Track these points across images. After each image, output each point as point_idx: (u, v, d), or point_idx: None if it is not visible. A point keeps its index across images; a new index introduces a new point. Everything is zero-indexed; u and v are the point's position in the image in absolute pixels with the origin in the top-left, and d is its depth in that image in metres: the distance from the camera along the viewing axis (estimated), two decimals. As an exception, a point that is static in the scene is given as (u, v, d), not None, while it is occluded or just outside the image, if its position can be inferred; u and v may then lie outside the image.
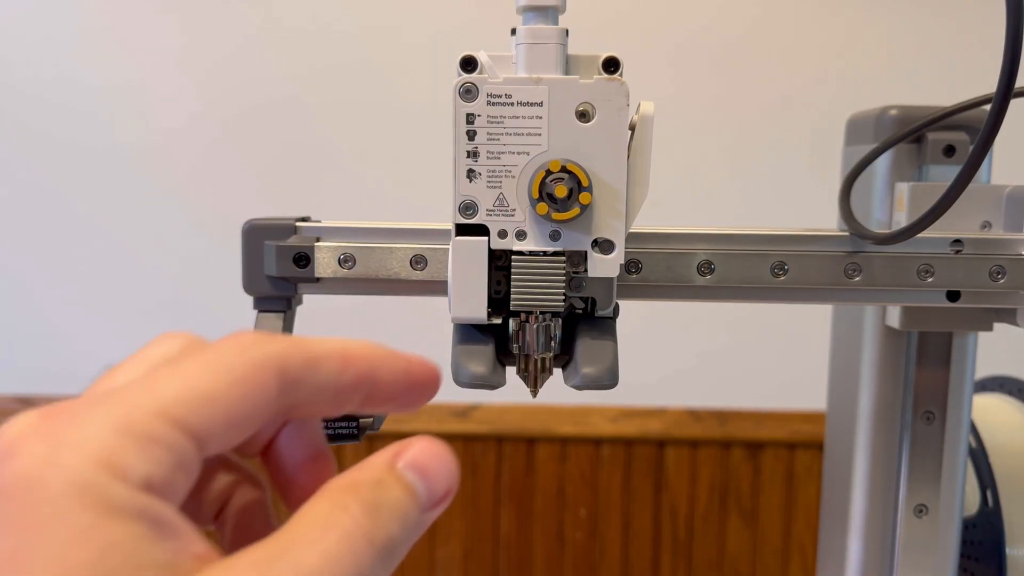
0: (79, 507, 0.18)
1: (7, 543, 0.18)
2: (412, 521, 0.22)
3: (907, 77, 1.30)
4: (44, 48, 1.36)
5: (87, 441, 0.19)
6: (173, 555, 0.19)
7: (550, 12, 0.33)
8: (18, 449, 0.19)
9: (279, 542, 0.20)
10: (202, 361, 0.21)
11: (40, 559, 0.18)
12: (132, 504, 0.19)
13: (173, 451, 0.20)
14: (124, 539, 0.19)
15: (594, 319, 0.36)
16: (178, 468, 0.20)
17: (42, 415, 0.20)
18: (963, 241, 0.40)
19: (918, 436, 0.51)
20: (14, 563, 0.18)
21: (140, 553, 0.19)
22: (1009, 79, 0.30)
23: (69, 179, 1.39)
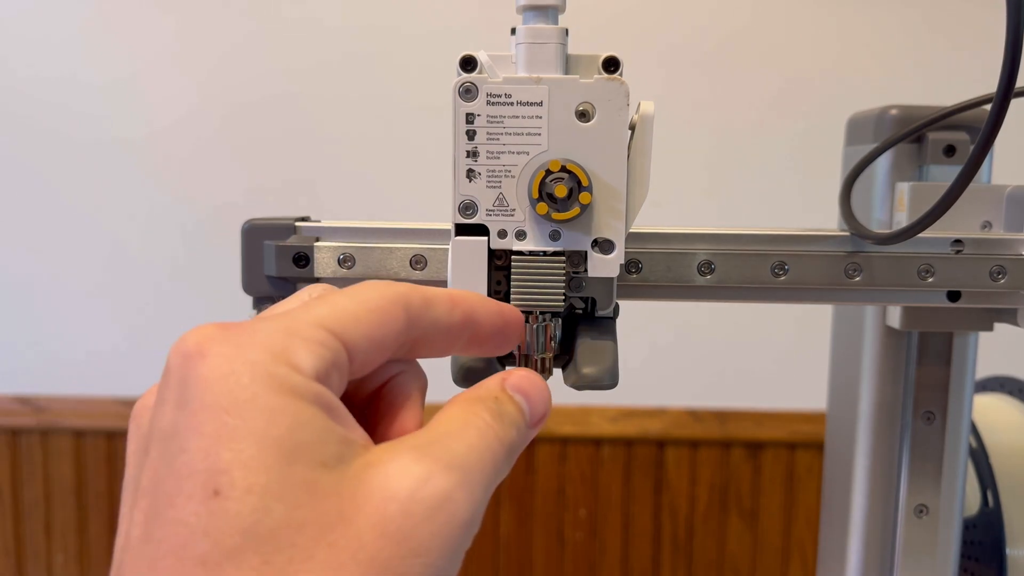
0: (269, 392, 0.22)
1: (211, 425, 0.21)
2: (523, 432, 0.26)
3: (907, 77, 1.30)
4: (42, 46, 1.36)
5: (265, 342, 0.22)
6: (345, 433, 0.23)
7: (550, 12, 0.33)
8: (206, 350, 0.22)
9: (428, 435, 0.24)
10: (346, 295, 0.25)
11: (243, 435, 0.21)
12: (309, 390, 0.22)
13: (330, 350, 0.23)
14: (309, 417, 0.22)
15: (594, 319, 0.36)
16: (334, 366, 0.23)
17: (218, 326, 0.23)
18: (964, 241, 0.40)
19: (918, 436, 0.51)
20: (220, 440, 0.21)
21: (322, 429, 0.22)
22: (1009, 79, 0.30)
23: (69, 179, 1.39)
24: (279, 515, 0.21)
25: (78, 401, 1.42)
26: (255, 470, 0.21)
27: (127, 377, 1.41)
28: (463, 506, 0.23)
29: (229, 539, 0.20)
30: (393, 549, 0.21)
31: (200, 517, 0.20)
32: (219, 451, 0.21)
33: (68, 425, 1.42)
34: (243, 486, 0.21)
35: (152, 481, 0.22)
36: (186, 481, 0.21)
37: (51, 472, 1.44)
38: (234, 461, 0.21)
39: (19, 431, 1.43)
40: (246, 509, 0.20)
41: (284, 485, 0.21)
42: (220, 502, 0.20)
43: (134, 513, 0.22)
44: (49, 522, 1.45)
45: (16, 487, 1.45)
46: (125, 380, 1.41)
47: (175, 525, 0.21)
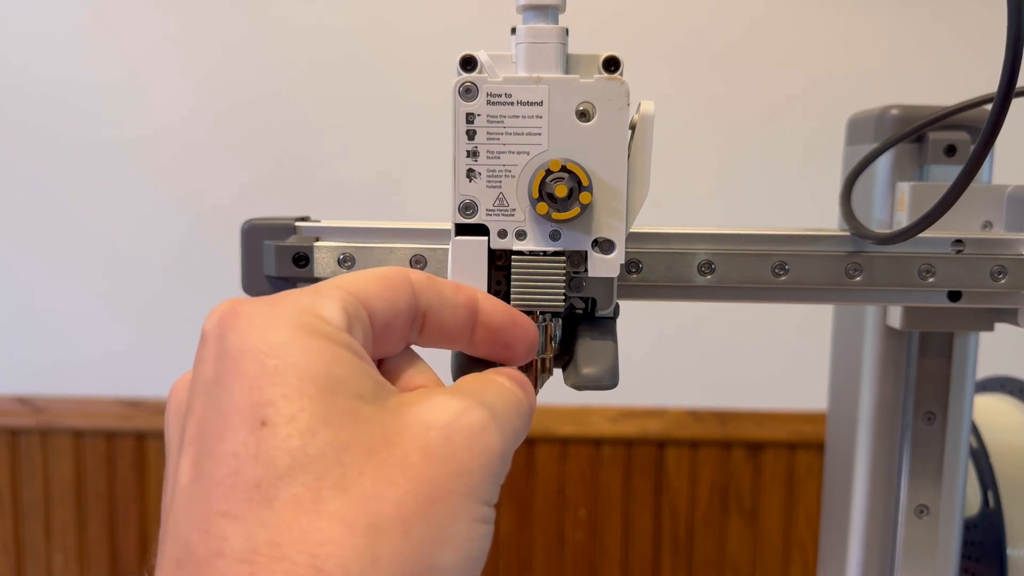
0: (304, 335, 0.23)
1: (253, 367, 0.22)
2: (526, 418, 0.28)
3: (908, 77, 1.30)
4: (39, 45, 1.36)
5: (293, 300, 0.24)
6: (378, 376, 0.24)
7: (550, 11, 0.33)
8: (239, 309, 0.24)
9: (456, 387, 0.26)
10: (354, 272, 0.27)
11: (284, 371, 0.22)
12: (340, 337, 0.24)
13: (352, 305, 0.25)
14: (344, 356, 0.23)
15: (594, 319, 0.36)
16: (358, 320, 0.25)
17: (243, 298, 0.24)
18: (964, 241, 0.40)
19: (919, 436, 0.51)
20: (262, 377, 0.22)
21: (358, 368, 0.23)
22: (1010, 79, 0.30)
23: (70, 179, 1.39)
24: (325, 438, 0.22)
25: (78, 401, 1.42)
26: (298, 400, 0.22)
27: (127, 377, 1.41)
28: (497, 438, 0.24)
29: (280, 461, 0.21)
30: (438, 468, 0.22)
31: (249, 446, 0.21)
32: (262, 387, 0.22)
33: (68, 425, 1.42)
34: (288, 414, 0.21)
35: (198, 428, 0.22)
36: (233, 417, 0.22)
37: (51, 472, 1.44)
38: (277, 394, 0.22)
39: (19, 431, 1.43)
40: (294, 432, 0.21)
41: (328, 412, 0.22)
42: (268, 430, 0.21)
43: (180, 462, 0.23)
44: (49, 522, 1.45)
45: (16, 487, 1.45)
46: (125, 380, 1.41)
47: (226, 457, 0.21)
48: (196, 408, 0.23)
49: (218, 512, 0.21)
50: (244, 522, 0.21)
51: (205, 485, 0.21)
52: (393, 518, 0.21)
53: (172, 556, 0.21)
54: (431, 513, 0.22)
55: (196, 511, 0.21)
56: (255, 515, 0.21)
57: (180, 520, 0.22)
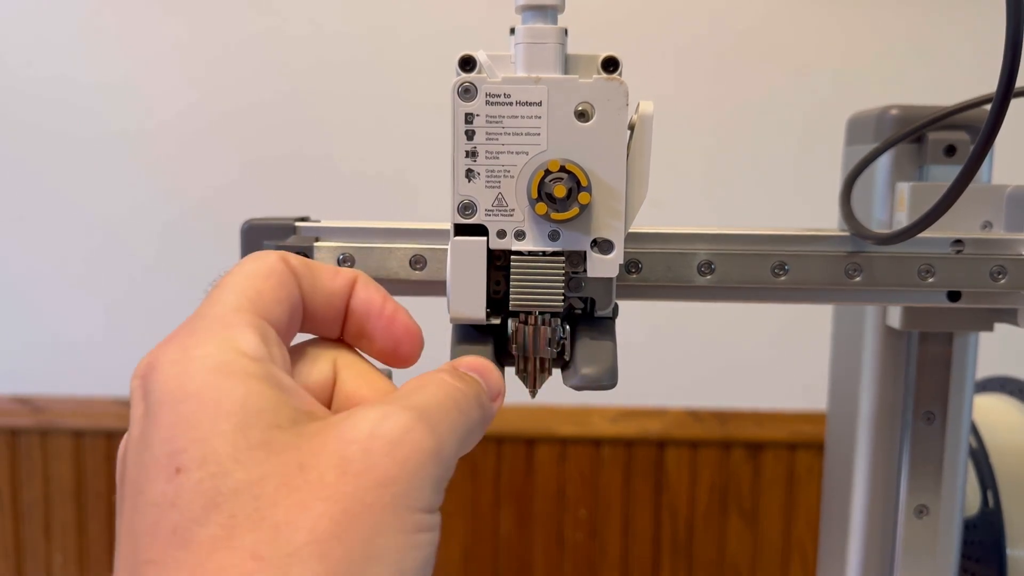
0: (218, 377, 0.23)
1: (168, 417, 0.23)
2: (484, 404, 0.27)
3: (908, 77, 1.30)
4: (37, 40, 1.36)
5: (206, 339, 0.24)
6: (298, 403, 0.24)
7: (549, 12, 0.33)
8: (156, 362, 0.24)
9: (386, 396, 0.26)
10: (238, 275, 0.27)
11: (198, 416, 0.22)
12: (256, 369, 0.24)
13: (263, 328, 0.25)
14: (259, 390, 0.23)
15: (593, 319, 0.36)
16: (272, 341, 0.25)
17: (164, 341, 0.25)
18: (964, 241, 0.40)
19: (919, 436, 0.51)
20: (177, 426, 0.22)
21: (273, 399, 0.23)
22: (1009, 78, 0.30)
23: (69, 179, 1.39)
24: (238, 476, 0.22)
25: (77, 401, 1.42)
26: (210, 442, 0.22)
27: (127, 378, 1.40)
28: (425, 437, 0.23)
29: (194, 505, 0.21)
30: (356, 482, 0.22)
31: (167, 494, 0.22)
32: (177, 435, 0.22)
33: (67, 425, 1.42)
34: (200, 457, 0.22)
35: (130, 484, 0.23)
36: (152, 468, 0.22)
37: (50, 472, 1.44)
38: (191, 439, 0.22)
39: (18, 431, 1.43)
40: (206, 475, 0.22)
41: (239, 449, 0.22)
42: (182, 476, 0.22)
43: (118, 519, 0.23)
44: (48, 522, 1.45)
45: (15, 487, 1.45)
46: (125, 381, 1.40)
47: (147, 508, 0.22)
48: (129, 466, 0.24)
49: (143, 561, 0.21)
50: (164, 567, 0.21)
51: (133, 537, 0.22)
52: (308, 543, 0.21)
53: None
54: (351, 531, 0.21)
55: (127, 563, 0.22)
56: (173, 558, 0.21)
57: (119, 572, 0.23)
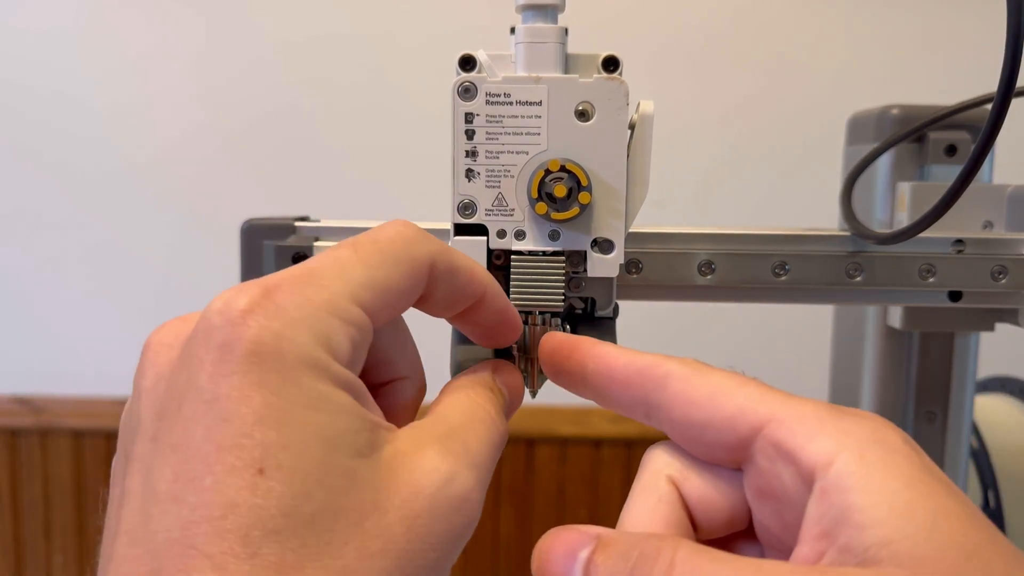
0: (312, 377, 0.22)
1: (257, 402, 0.21)
2: (502, 445, 0.27)
3: (908, 76, 1.30)
4: (45, 45, 1.36)
5: (309, 321, 0.22)
6: (374, 419, 0.23)
7: (549, 11, 0.32)
8: (250, 320, 0.22)
9: (444, 425, 0.25)
10: (378, 250, 0.25)
11: (288, 418, 0.21)
12: (344, 378, 0.23)
13: (361, 331, 0.24)
14: (346, 406, 0.22)
15: (594, 319, 0.36)
16: (363, 346, 0.24)
17: (263, 291, 0.22)
18: (965, 241, 0.40)
19: (920, 436, 0.51)
20: (266, 419, 0.21)
21: (357, 417, 0.23)
22: (1010, 78, 0.29)
23: (69, 179, 1.39)
24: (319, 501, 0.21)
25: (77, 402, 1.42)
26: (299, 454, 0.21)
27: (126, 378, 1.40)
28: (477, 505, 0.24)
29: (271, 519, 0.20)
30: (417, 543, 0.22)
31: (242, 492, 0.20)
32: (265, 430, 0.21)
33: (67, 426, 1.42)
34: (288, 468, 0.21)
35: (185, 439, 0.21)
36: (228, 453, 0.21)
37: (50, 473, 1.44)
38: (279, 443, 0.21)
39: (18, 432, 1.43)
40: (289, 492, 0.21)
41: (325, 472, 0.21)
42: (264, 481, 0.20)
43: (158, 463, 0.21)
44: (48, 523, 1.45)
45: (15, 488, 1.45)
46: (124, 381, 1.40)
47: (214, 494, 0.20)
48: (186, 413, 0.21)
49: (198, 549, 0.20)
50: (223, 571, 0.20)
51: (188, 514, 0.20)
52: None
53: (144, 564, 0.21)
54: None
55: (174, 536, 0.20)
56: (235, 566, 0.20)
57: (157, 532, 0.21)
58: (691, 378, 0.26)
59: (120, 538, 0.21)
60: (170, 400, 0.22)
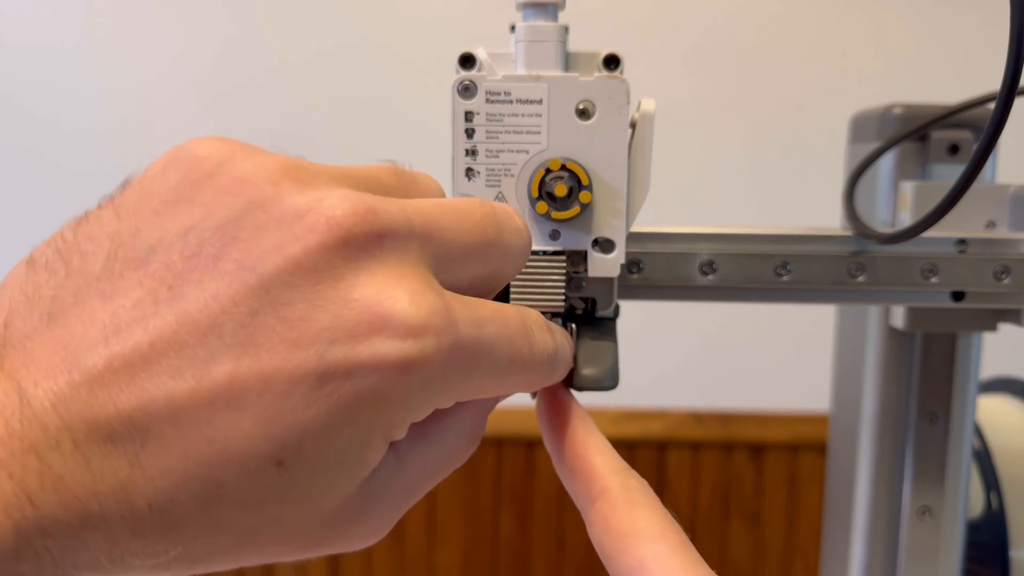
0: (382, 434, 0.22)
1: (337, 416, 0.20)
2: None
3: (911, 75, 1.30)
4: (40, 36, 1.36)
5: (431, 390, 0.22)
6: None
7: (550, 9, 0.32)
8: (422, 350, 0.21)
9: None
10: (530, 360, 0.26)
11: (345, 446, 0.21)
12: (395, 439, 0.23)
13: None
14: (381, 454, 0.22)
15: (594, 320, 0.36)
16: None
17: (450, 327, 0.21)
18: (967, 241, 0.40)
19: (922, 437, 0.50)
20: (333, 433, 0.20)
21: (377, 460, 0.22)
22: (1013, 77, 0.29)
23: (68, 178, 1.38)
24: (298, 510, 0.21)
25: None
26: (318, 478, 0.21)
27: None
28: None
29: (256, 500, 0.20)
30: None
31: (254, 462, 0.20)
32: (312, 439, 0.20)
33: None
34: (300, 479, 0.21)
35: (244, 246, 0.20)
36: (274, 426, 0.20)
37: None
38: (311, 459, 0.20)
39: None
40: (286, 494, 0.21)
41: (321, 499, 0.21)
42: (279, 473, 0.20)
43: (228, 251, 0.20)
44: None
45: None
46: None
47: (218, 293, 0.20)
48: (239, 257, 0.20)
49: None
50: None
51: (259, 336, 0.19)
52: None
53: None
54: None
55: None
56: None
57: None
58: (618, 507, 0.25)
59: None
60: (246, 229, 0.20)
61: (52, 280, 0.21)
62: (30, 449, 0.18)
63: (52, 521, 0.18)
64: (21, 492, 0.18)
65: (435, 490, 1.05)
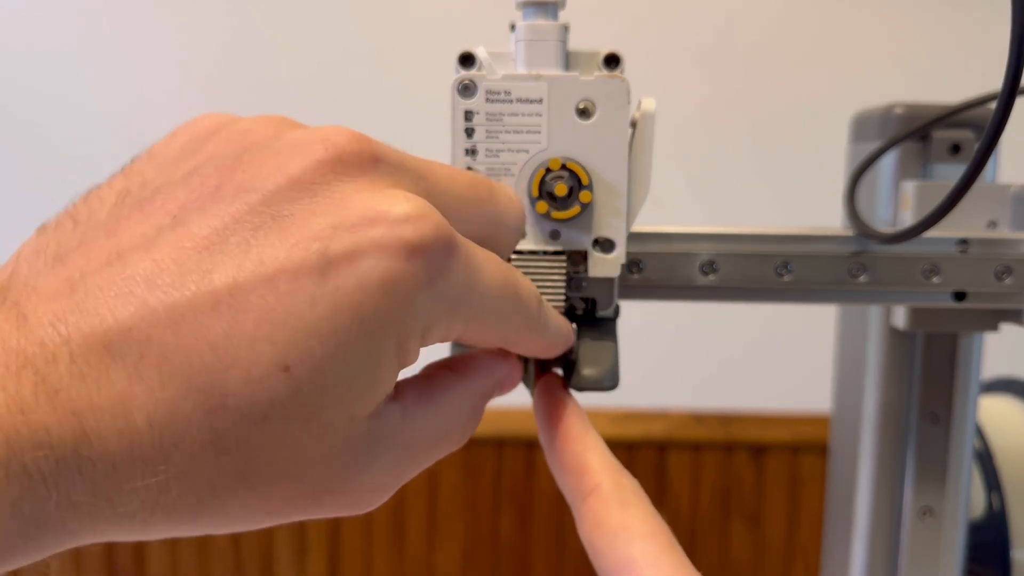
0: (394, 348, 0.21)
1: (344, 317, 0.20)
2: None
3: (913, 74, 1.30)
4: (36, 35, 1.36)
5: (442, 307, 0.22)
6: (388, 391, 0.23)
7: (550, 8, 0.32)
8: (429, 257, 0.21)
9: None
10: (520, 312, 0.26)
11: (355, 353, 0.20)
12: (406, 365, 0.23)
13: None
14: (391, 381, 0.22)
15: (594, 320, 0.35)
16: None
17: (455, 240, 0.22)
18: (969, 240, 0.40)
19: (923, 438, 0.50)
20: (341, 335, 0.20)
21: (385, 390, 0.22)
22: (1015, 77, 0.29)
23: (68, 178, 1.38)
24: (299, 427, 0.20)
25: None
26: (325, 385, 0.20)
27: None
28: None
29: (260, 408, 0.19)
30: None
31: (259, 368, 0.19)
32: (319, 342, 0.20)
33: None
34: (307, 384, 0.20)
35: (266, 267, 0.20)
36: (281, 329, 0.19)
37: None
38: (318, 364, 0.20)
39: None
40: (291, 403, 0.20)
41: (325, 410, 0.20)
42: (284, 380, 0.19)
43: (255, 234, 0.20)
44: (49, 525, 1.45)
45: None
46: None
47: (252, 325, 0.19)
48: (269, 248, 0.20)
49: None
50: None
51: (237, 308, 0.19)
52: None
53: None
54: None
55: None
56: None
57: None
58: (609, 504, 0.25)
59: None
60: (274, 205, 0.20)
61: (59, 234, 0.21)
62: (26, 363, 0.18)
63: (45, 433, 0.17)
64: (13, 404, 0.17)
65: (435, 490, 1.05)
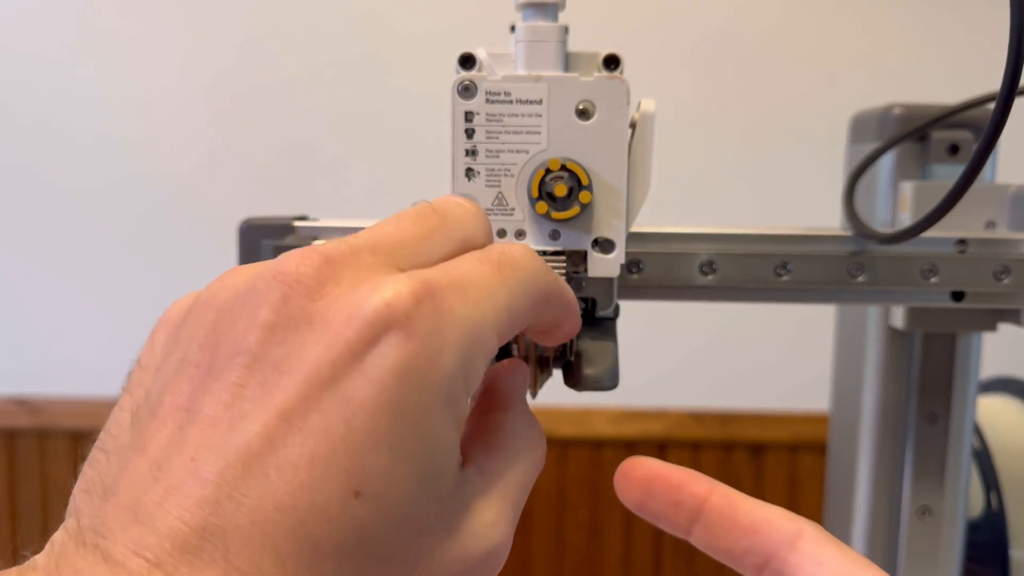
0: (442, 414, 0.22)
1: (381, 426, 0.20)
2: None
3: (911, 75, 1.30)
4: (38, 42, 1.36)
5: (457, 346, 0.22)
6: (459, 458, 0.24)
7: (550, 9, 0.32)
8: (415, 324, 0.21)
9: (505, 459, 0.26)
10: (518, 278, 0.24)
11: (404, 449, 0.21)
12: (463, 414, 0.23)
13: (489, 361, 0.23)
14: (454, 444, 0.23)
15: (594, 320, 0.36)
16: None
17: (427, 288, 0.22)
18: (967, 241, 0.40)
19: (922, 437, 0.50)
20: (381, 445, 0.20)
21: (456, 456, 0.23)
22: (1013, 77, 0.29)
23: (67, 178, 1.38)
24: (394, 540, 0.21)
25: (75, 402, 1.41)
26: (398, 488, 0.21)
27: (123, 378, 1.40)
28: (508, 549, 0.26)
29: (346, 540, 0.20)
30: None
31: (333, 505, 0.20)
32: (377, 455, 0.20)
33: (65, 426, 1.42)
34: (383, 500, 0.21)
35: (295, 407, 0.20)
36: (337, 467, 0.20)
37: (48, 474, 1.44)
38: (385, 470, 0.21)
39: (16, 432, 1.43)
40: (372, 523, 0.21)
41: (411, 513, 0.21)
42: (358, 504, 0.20)
43: (249, 404, 0.21)
44: (46, 524, 1.45)
45: (13, 489, 1.44)
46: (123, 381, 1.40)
47: (307, 492, 0.20)
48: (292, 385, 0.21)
49: (270, 538, 0.20)
50: (283, 569, 0.20)
51: (271, 492, 0.20)
52: None
53: (202, 514, 0.20)
54: None
55: (246, 509, 0.20)
56: (295, 569, 0.20)
57: (233, 494, 0.20)
58: (824, 544, 0.25)
59: (176, 464, 0.21)
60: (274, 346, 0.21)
61: (98, 468, 0.22)
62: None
63: None
64: None
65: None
